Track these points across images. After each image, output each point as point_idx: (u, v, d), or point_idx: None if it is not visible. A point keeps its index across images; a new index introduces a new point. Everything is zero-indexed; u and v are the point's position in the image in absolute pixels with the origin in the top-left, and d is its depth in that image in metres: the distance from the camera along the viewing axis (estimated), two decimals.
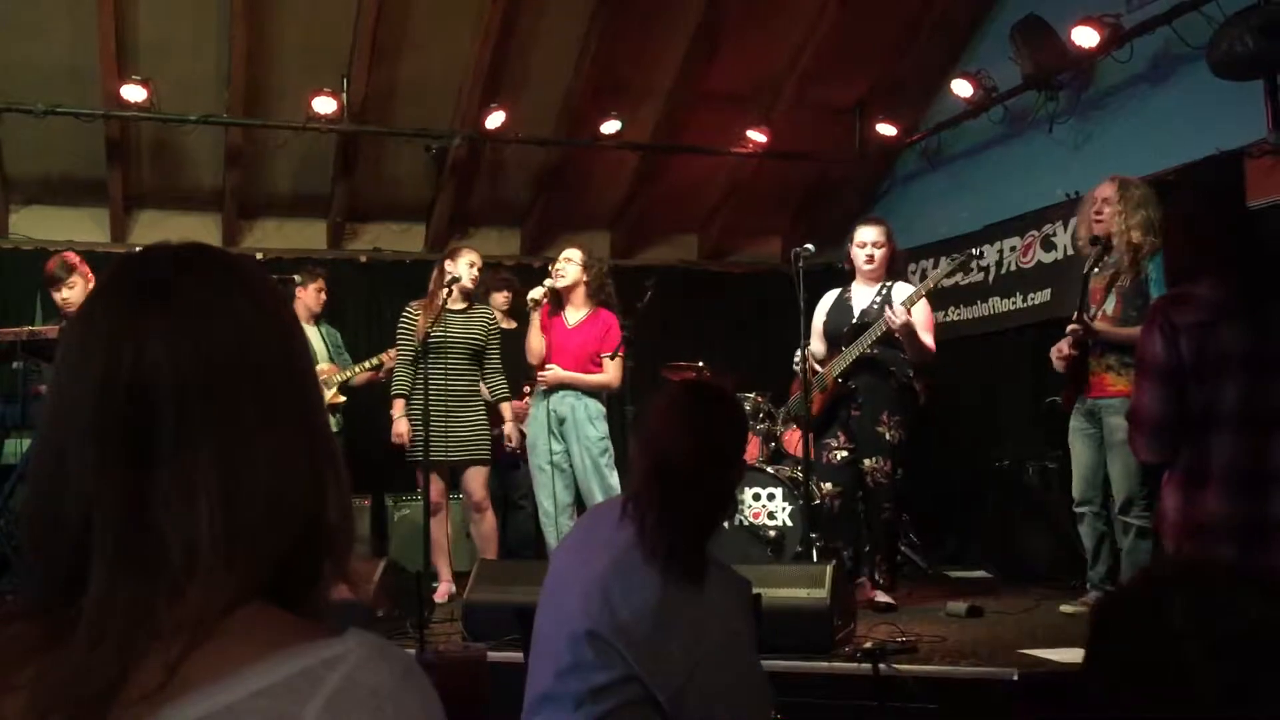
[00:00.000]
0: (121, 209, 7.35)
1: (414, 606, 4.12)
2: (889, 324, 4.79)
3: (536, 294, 5.41)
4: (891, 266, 5.19)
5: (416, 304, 5.52)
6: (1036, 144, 6.79)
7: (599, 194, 8.13)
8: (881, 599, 4.89)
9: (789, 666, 3.53)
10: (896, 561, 5.93)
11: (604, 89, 7.24)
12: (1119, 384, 4.55)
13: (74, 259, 5.49)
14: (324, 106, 6.75)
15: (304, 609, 0.80)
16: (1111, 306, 4.64)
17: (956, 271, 5.36)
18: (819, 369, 5.10)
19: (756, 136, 7.58)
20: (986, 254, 7.13)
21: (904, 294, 5.01)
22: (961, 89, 7.05)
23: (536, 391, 5.54)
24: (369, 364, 6.00)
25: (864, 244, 5.12)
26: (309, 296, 6.29)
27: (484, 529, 5.50)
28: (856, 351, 4.96)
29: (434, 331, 5.25)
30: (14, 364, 5.28)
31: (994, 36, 7.02)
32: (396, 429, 5.42)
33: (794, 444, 5.70)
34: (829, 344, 5.17)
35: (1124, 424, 3.83)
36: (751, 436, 5.75)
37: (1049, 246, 6.59)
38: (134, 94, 6.49)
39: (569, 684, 2.01)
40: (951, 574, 6.29)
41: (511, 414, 5.68)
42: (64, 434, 0.79)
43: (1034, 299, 6.66)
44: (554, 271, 5.47)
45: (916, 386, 5.12)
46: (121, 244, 7.32)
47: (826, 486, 5.02)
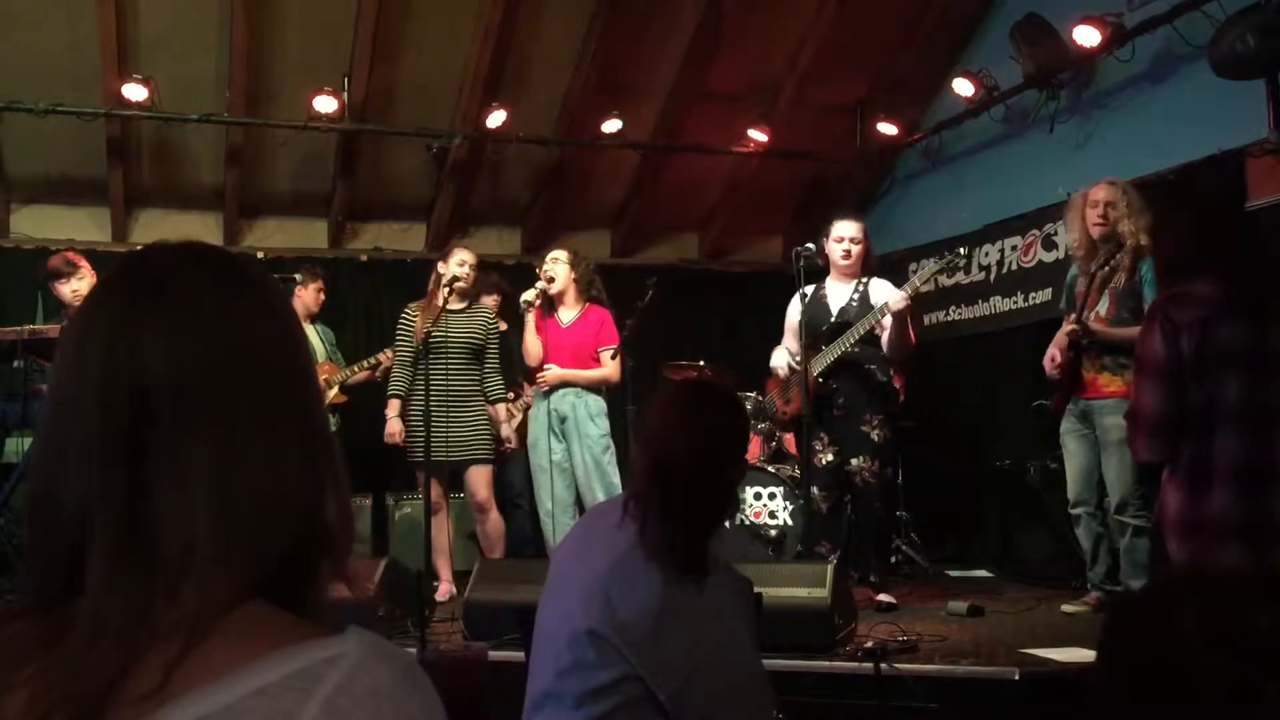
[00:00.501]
0: (122, 208, 7.35)
1: (414, 606, 4.12)
2: (890, 309, 4.73)
3: (529, 296, 5.43)
4: (866, 263, 5.13)
5: (415, 305, 5.55)
6: (1037, 143, 6.79)
7: (599, 193, 8.14)
8: (884, 599, 4.88)
9: (790, 665, 3.53)
10: (891, 561, 5.94)
11: (604, 88, 7.24)
12: (1113, 385, 4.55)
13: (77, 258, 5.50)
14: (325, 105, 6.75)
15: (303, 608, 0.80)
16: (1104, 308, 4.64)
17: (942, 272, 5.30)
18: (797, 368, 5.05)
19: (757, 136, 7.58)
20: (988, 253, 7.14)
21: (881, 290, 4.98)
22: (962, 88, 7.04)
23: (537, 392, 5.55)
24: (367, 363, 6.00)
25: (842, 239, 5.04)
26: (308, 296, 6.28)
27: (489, 529, 5.50)
28: (839, 350, 4.90)
29: (434, 332, 5.26)
30: (15, 363, 5.29)
31: (995, 35, 7.02)
32: (388, 429, 5.45)
33: (795, 444, 5.70)
34: (806, 341, 5.09)
35: (1118, 424, 3.84)
36: (752, 436, 5.74)
37: (1050, 246, 6.59)
38: (135, 93, 6.49)
39: (570, 683, 2.01)
40: (952, 573, 6.29)
41: (505, 415, 5.68)
42: (63, 431, 0.79)
43: (1035, 298, 6.65)
44: (543, 274, 5.49)
45: (896, 384, 5.09)
46: (122, 243, 7.32)
47: (814, 490, 4.99)
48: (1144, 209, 4.61)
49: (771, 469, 5.60)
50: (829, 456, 4.98)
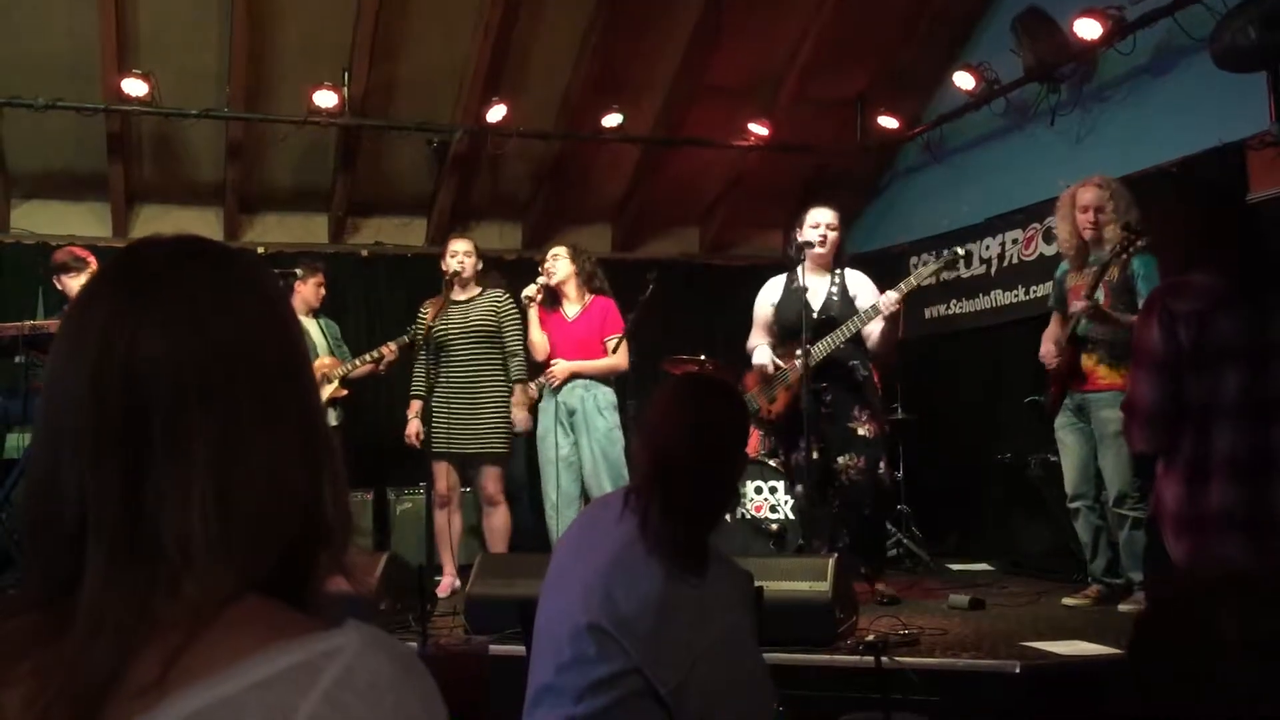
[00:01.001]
0: (123, 203, 7.35)
1: (415, 600, 4.12)
2: (884, 308, 4.70)
3: (529, 291, 5.44)
4: (839, 254, 5.08)
5: (429, 302, 5.54)
6: (1038, 136, 6.78)
7: (600, 187, 8.13)
8: (882, 588, 4.87)
9: (791, 659, 3.54)
10: (889, 555, 5.92)
11: (605, 82, 7.24)
12: (1110, 378, 4.55)
13: (85, 254, 5.51)
14: (325, 100, 6.74)
15: (303, 602, 0.80)
16: (1100, 300, 4.64)
17: (941, 271, 5.27)
18: (781, 364, 4.98)
19: (758, 129, 7.58)
20: (989, 247, 7.13)
21: (858, 282, 4.96)
22: (963, 81, 7.04)
23: (545, 386, 5.54)
24: (369, 357, 5.99)
25: (818, 224, 4.96)
26: (308, 290, 6.26)
27: (494, 523, 5.49)
28: (829, 347, 4.81)
29: (434, 327, 5.28)
30: (16, 359, 5.29)
31: (996, 28, 7.01)
32: (408, 429, 5.46)
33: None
34: (783, 336, 5.03)
35: (1115, 417, 3.83)
36: (753, 430, 5.74)
37: (1051, 239, 6.55)
38: (135, 88, 6.49)
39: (570, 677, 2.01)
40: (954, 567, 6.29)
41: (524, 398, 5.51)
42: (59, 427, 0.79)
43: (1036, 291, 6.65)
44: (545, 270, 5.49)
45: (875, 379, 5.05)
46: (123, 238, 7.32)
47: (798, 488, 4.95)
48: (1132, 205, 4.62)
49: (772, 463, 5.59)
50: (814, 455, 4.92)
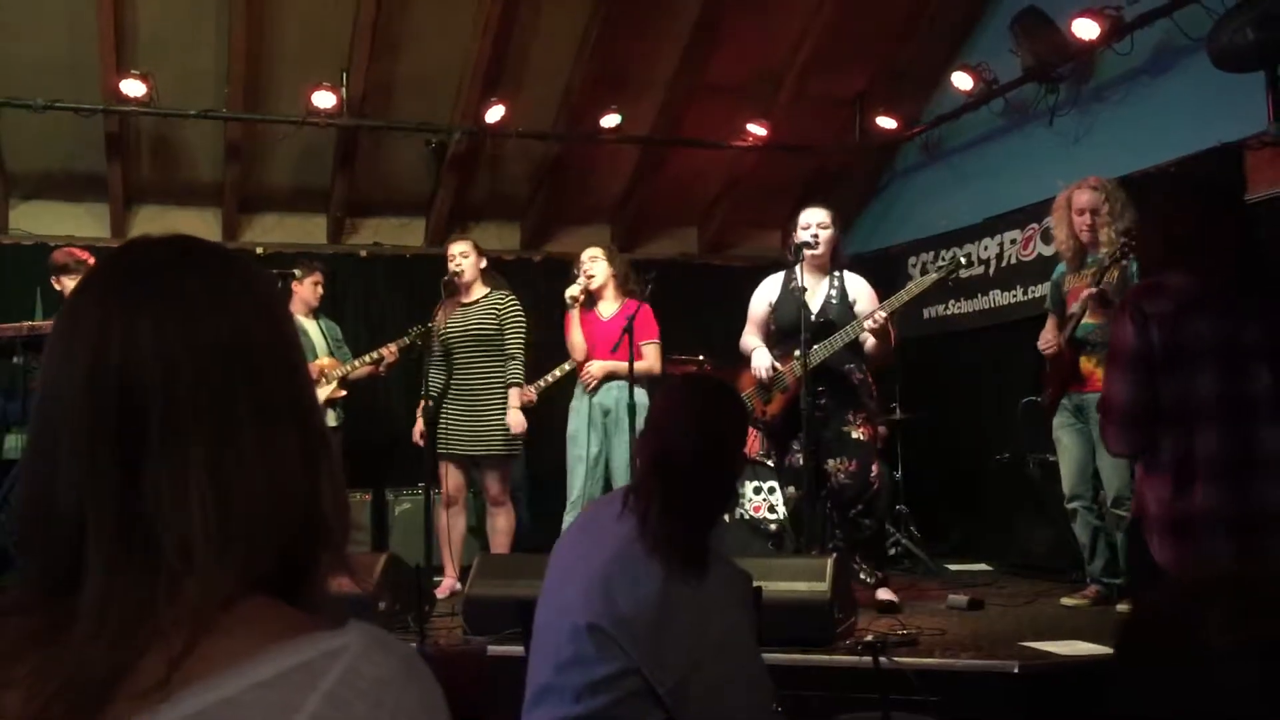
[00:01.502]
0: (121, 204, 7.35)
1: (414, 601, 4.12)
2: (868, 327, 4.66)
3: (573, 291, 5.48)
4: (836, 255, 5.04)
5: (440, 305, 5.59)
6: (1037, 136, 6.78)
7: (599, 188, 8.13)
8: (885, 596, 4.79)
9: (789, 659, 3.54)
10: (888, 555, 5.90)
11: (604, 82, 7.23)
12: None
13: (85, 255, 5.51)
14: (323, 101, 6.74)
15: (303, 602, 0.80)
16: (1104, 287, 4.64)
17: (944, 278, 5.23)
18: (780, 367, 4.93)
19: (756, 129, 7.58)
20: (987, 247, 7.13)
21: (857, 285, 4.95)
22: (962, 81, 7.04)
23: (579, 387, 5.56)
24: (369, 358, 5.98)
25: (808, 225, 4.91)
26: (306, 290, 6.25)
27: (499, 524, 5.50)
28: (827, 351, 4.76)
29: (441, 330, 5.40)
30: (15, 359, 5.29)
31: (994, 29, 7.01)
32: (416, 429, 5.53)
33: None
34: (779, 336, 4.99)
35: None
36: (752, 430, 5.74)
37: (1049, 239, 6.57)
38: (133, 89, 6.49)
39: (570, 677, 2.01)
40: (953, 567, 6.29)
41: (518, 401, 5.50)
42: (54, 425, 0.79)
43: (1034, 292, 6.65)
44: (584, 273, 5.52)
45: (870, 381, 5.03)
46: (121, 239, 7.29)
47: (790, 490, 4.91)
48: (1128, 206, 4.62)
49: (771, 463, 5.60)
50: (803, 457, 4.83)
